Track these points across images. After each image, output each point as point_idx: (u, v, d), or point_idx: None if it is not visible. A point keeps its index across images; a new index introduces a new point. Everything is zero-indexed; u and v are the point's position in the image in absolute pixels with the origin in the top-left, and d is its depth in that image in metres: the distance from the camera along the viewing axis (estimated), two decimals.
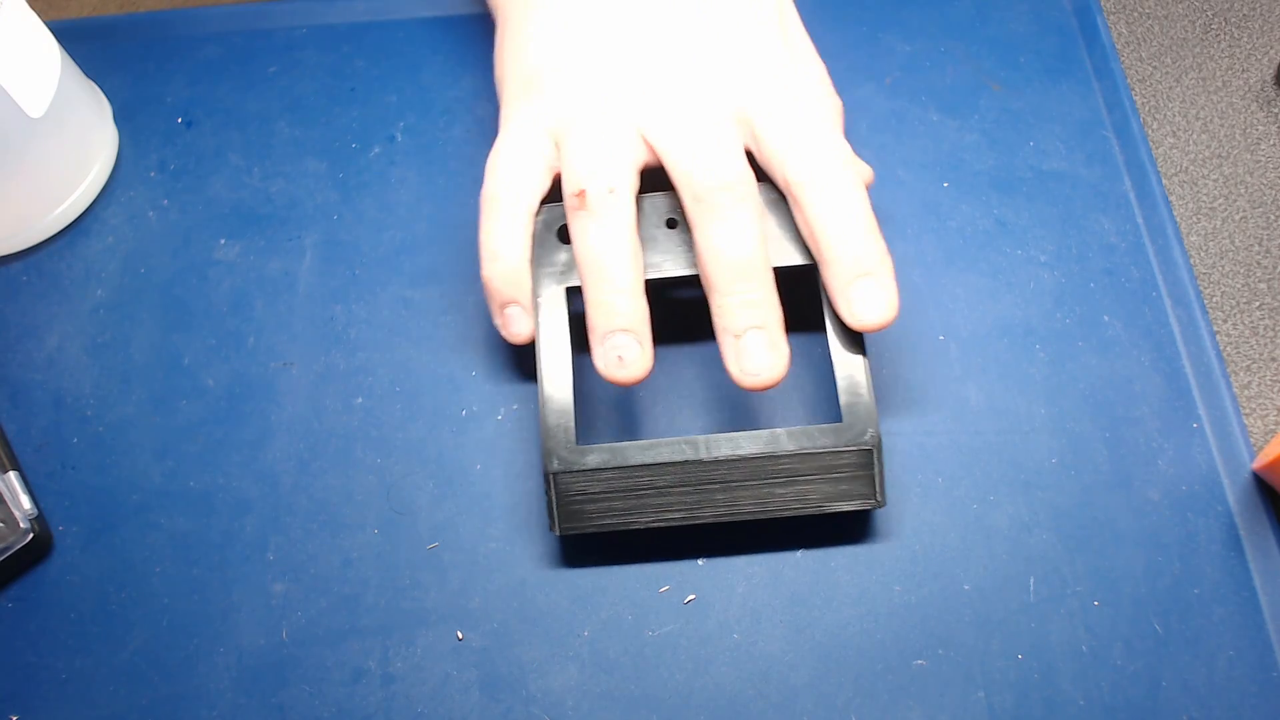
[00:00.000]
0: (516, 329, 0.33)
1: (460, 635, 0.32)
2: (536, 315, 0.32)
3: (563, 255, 0.33)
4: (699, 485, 0.31)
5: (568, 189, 0.32)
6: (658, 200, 0.33)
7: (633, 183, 0.32)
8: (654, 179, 0.33)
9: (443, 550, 0.33)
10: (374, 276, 0.38)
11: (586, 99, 0.32)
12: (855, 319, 0.30)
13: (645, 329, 0.31)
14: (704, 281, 0.31)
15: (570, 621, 0.32)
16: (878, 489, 0.30)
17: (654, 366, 0.32)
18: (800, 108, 0.32)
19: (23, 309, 0.38)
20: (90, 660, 0.32)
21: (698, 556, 0.33)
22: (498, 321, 0.34)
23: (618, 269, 0.31)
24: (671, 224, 0.33)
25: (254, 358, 0.37)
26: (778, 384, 0.30)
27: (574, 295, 0.34)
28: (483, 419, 0.35)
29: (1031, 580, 0.32)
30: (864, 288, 0.30)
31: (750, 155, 0.32)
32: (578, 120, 0.32)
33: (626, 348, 0.30)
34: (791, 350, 0.31)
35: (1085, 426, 0.34)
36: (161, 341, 0.37)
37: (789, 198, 0.31)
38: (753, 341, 0.30)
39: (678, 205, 0.33)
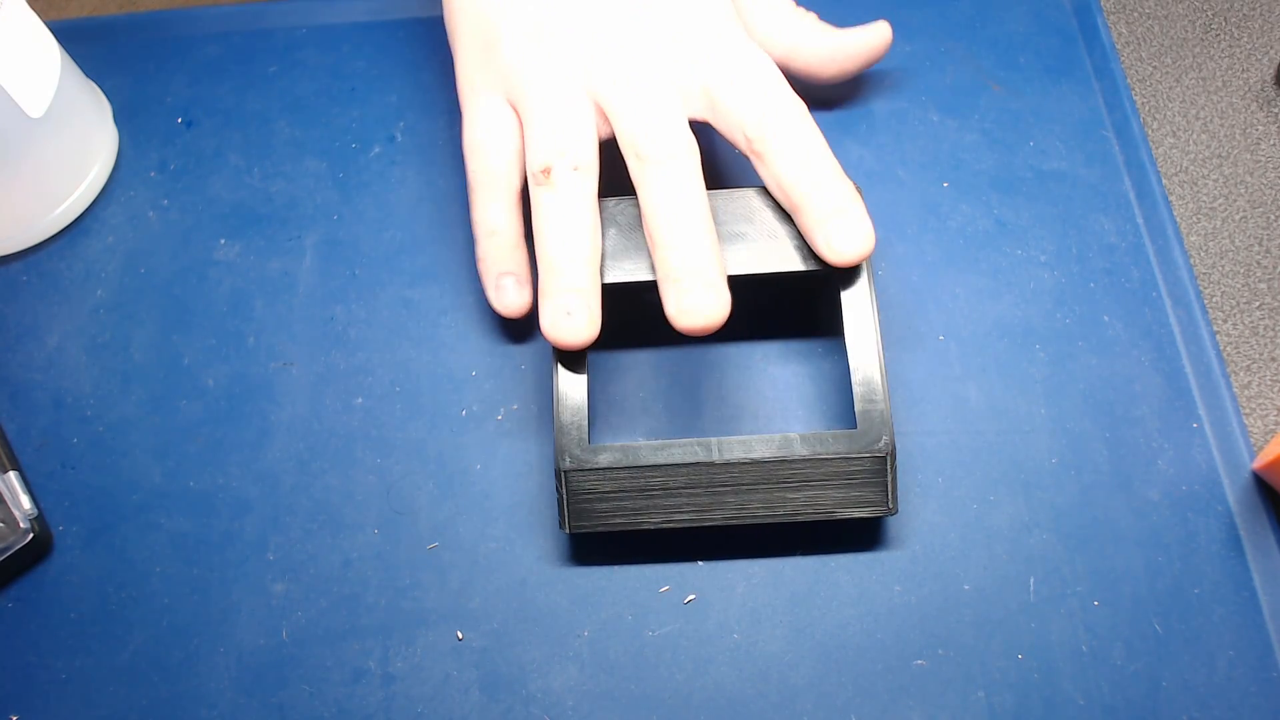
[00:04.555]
0: (510, 299, 0.35)
1: (460, 635, 0.32)
2: None
3: None
4: (710, 487, 0.30)
5: (533, 164, 0.32)
6: None
7: (595, 158, 0.32)
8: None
9: (443, 550, 0.33)
10: (374, 276, 0.38)
11: (543, 65, 0.33)
12: (835, 253, 0.31)
13: (596, 298, 0.31)
14: (648, 238, 0.31)
15: (570, 621, 0.32)
16: (890, 496, 0.30)
17: (598, 336, 0.31)
18: (754, 71, 0.32)
19: (23, 309, 0.38)
20: (90, 660, 0.32)
21: (698, 557, 0.33)
22: (491, 294, 0.35)
23: (577, 243, 0.31)
24: None
25: (254, 358, 0.37)
26: (717, 327, 0.30)
27: None
28: (483, 419, 0.35)
29: (1031, 580, 0.32)
30: (840, 224, 0.31)
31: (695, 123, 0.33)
32: (537, 88, 0.33)
33: (575, 305, 0.31)
34: (733, 300, 0.31)
35: (1085, 426, 0.34)
36: (161, 341, 0.37)
37: (753, 156, 0.32)
38: (693, 283, 0.30)
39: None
